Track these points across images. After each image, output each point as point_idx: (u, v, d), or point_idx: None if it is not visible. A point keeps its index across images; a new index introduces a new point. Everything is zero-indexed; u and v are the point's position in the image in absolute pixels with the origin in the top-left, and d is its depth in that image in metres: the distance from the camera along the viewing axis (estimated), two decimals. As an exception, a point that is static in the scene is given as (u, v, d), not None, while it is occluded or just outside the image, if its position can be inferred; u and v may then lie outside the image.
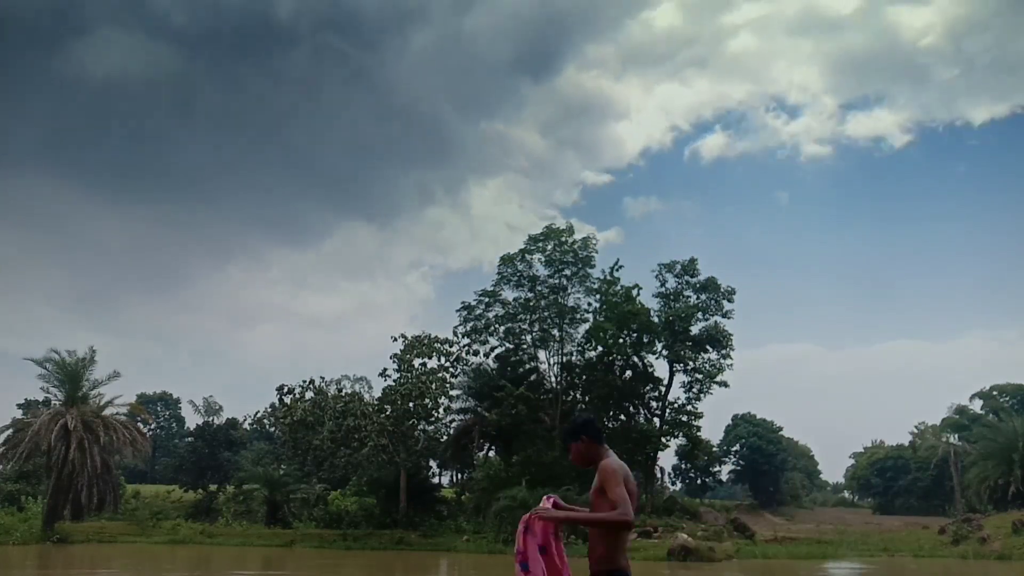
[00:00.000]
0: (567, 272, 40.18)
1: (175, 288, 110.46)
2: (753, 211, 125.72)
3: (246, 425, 52.62)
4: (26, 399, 59.84)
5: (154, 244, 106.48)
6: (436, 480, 46.67)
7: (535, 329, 40.70)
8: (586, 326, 40.62)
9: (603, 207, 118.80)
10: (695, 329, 40.75)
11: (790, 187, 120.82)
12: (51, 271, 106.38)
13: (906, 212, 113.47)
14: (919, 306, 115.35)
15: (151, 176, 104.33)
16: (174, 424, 79.87)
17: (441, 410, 39.03)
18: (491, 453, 43.44)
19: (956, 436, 64.15)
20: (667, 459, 56.44)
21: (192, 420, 60.33)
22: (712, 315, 41.03)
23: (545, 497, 4.28)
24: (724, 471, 70.94)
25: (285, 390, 38.07)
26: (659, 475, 46.82)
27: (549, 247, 40.35)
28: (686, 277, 41.80)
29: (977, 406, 64.78)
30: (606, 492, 3.93)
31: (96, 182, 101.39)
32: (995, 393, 64.29)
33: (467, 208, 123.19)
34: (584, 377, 41.54)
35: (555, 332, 40.46)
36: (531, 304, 40.08)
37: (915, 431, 73.24)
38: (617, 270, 40.54)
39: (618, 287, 39.84)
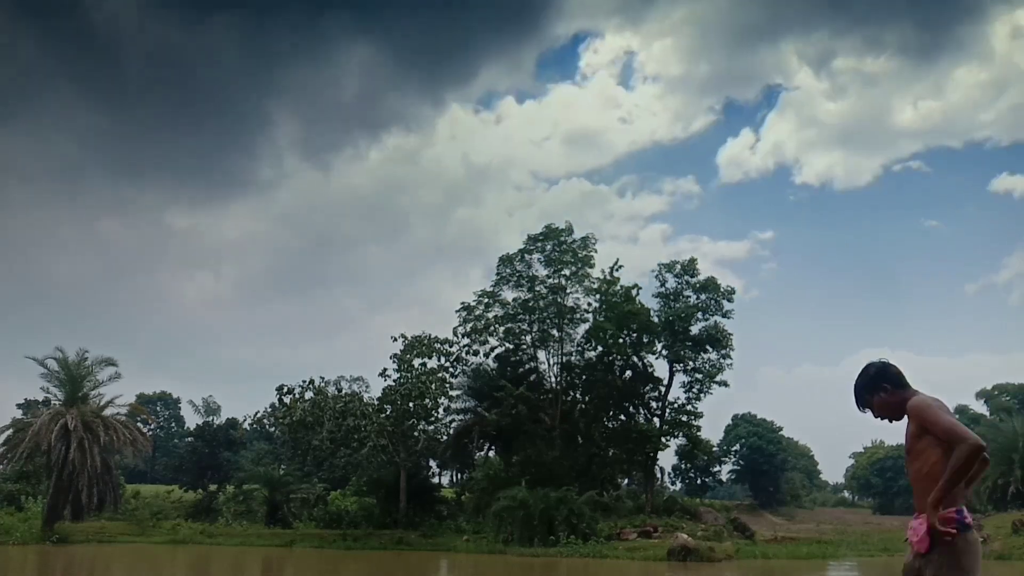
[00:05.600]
0: (566, 272, 40.13)
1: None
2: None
3: (246, 425, 52.62)
4: (26, 399, 59.95)
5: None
6: (436, 480, 46.70)
7: (535, 329, 40.67)
8: (586, 326, 40.62)
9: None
10: (695, 329, 40.73)
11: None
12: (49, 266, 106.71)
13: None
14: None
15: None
16: (174, 424, 79.94)
17: (441, 410, 39.06)
18: (491, 453, 43.42)
19: (956, 436, 64.09)
20: (667, 459, 56.30)
21: (192, 420, 60.34)
22: (712, 315, 41.02)
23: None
24: (724, 471, 70.97)
25: (285, 390, 38.04)
26: (659, 475, 46.77)
27: (548, 247, 40.32)
28: (686, 277, 41.78)
29: (979, 406, 64.87)
30: (929, 429, 3.54)
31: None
32: (997, 392, 64.33)
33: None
34: (584, 377, 41.51)
35: (555, 332, 40.43)
36: (530, 304, 40.04)
37: (915, 431, 73.22)
38: (617, 270, 40.56)
39: (618, 287, 39.83)
